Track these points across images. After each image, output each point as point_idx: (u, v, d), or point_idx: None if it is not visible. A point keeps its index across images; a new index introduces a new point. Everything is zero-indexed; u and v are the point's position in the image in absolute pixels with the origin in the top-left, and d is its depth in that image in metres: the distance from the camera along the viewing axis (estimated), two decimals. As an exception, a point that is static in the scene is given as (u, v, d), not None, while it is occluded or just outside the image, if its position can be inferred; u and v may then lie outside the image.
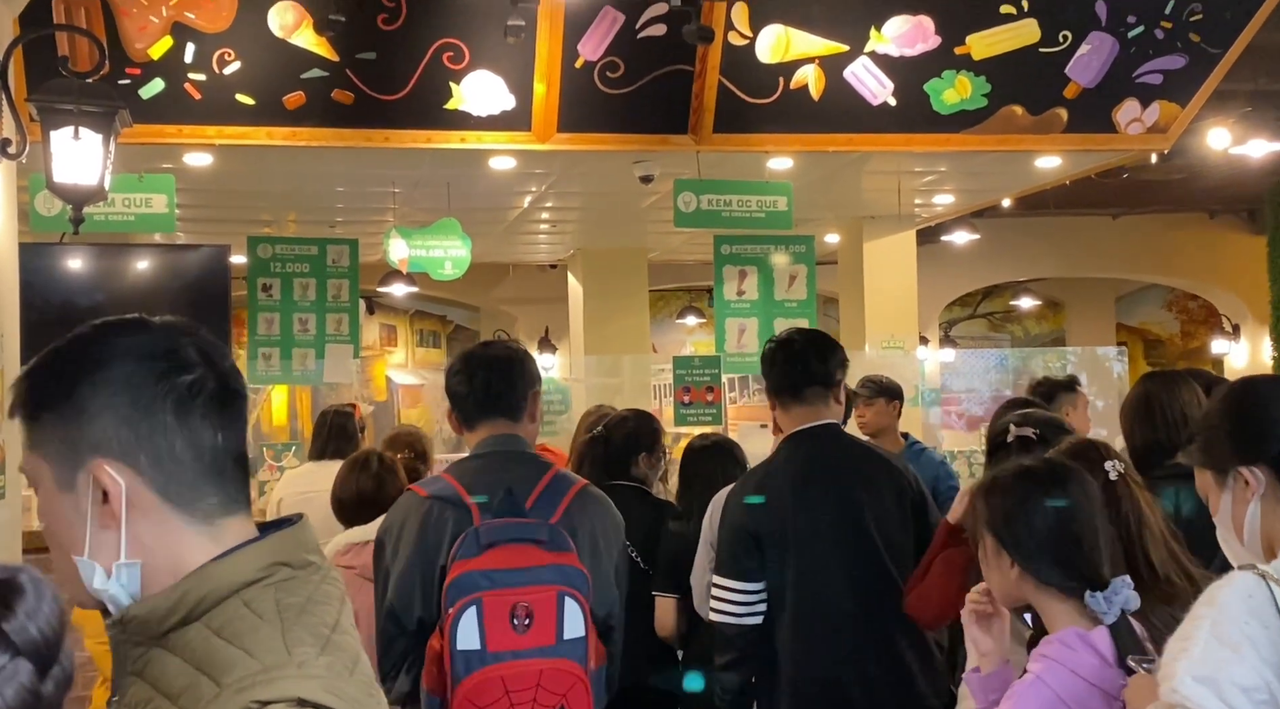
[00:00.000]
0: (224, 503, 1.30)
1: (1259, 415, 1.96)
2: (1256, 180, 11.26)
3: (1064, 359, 14.47)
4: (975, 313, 16.39)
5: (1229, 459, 1.96)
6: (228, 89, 5.99)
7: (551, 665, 2.60)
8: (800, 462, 3.41)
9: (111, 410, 1.26)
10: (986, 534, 2.29)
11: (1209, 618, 1.79)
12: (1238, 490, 1.95)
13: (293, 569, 1.28)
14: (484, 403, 2.91)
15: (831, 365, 3.40)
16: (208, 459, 1.29)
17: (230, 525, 1.30)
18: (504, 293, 14.21)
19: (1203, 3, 6.56)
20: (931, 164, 7.87)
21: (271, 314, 8.34)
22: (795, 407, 3.40)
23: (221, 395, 1.30)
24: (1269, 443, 1.93)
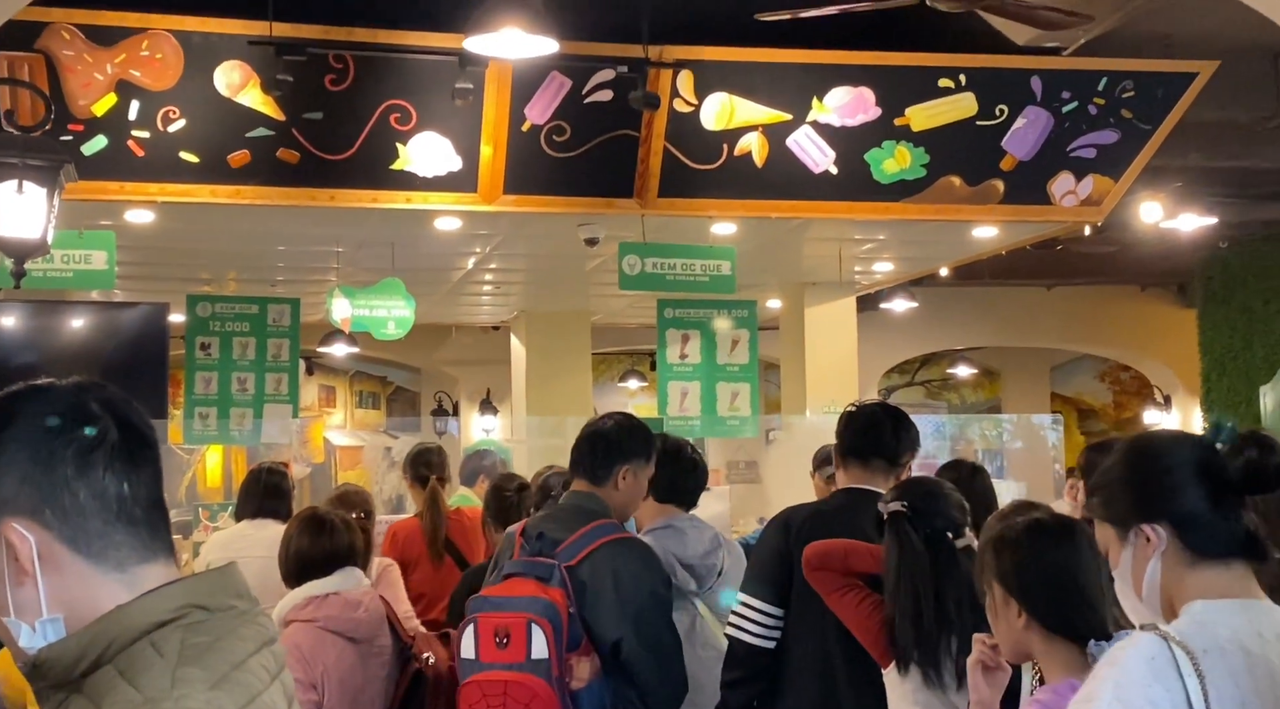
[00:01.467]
0: (137, 550, 1.31)
1: (1160, 472, 1.94)
2: (1186, 254, 11.53)
3: (1000, 427, 14.66)
4: (913, 380, 16.56)
5: (1130, 515, 1.94)
6: (171, 146, 5.97)
7: (516, 679, 3.16)
8: (849, 514, 3.47)
9: (14, 468, 1.29)
10: (996, 585, 2.32)
11: (1112, 679, 1.77)
12: (1139, 547, 1.92)
13: (208, 611, 1.29)
14: (573, 465, 3.54)
15: (903, 445, 3.53)
16: (115, 508, 1.30)
17: (146, 572, 1.31)
18: (446, 354, 14.15)
19: (1135, 80, 6.77)
20: (871, 232, 8.00)
21: (210, 373, 8.25)
22: (856, 468, 3.52)
23: (126, 445, 1.32)
24: (1171, 501, 1.91)
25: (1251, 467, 1.86)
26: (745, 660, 3.37)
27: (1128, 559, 1.94)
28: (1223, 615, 1.82)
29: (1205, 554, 1.88)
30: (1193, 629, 1.80)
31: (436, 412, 14.38)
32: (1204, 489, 1.89)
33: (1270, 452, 1.87)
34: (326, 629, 3.68)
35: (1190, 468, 1.90)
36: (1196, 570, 1.87)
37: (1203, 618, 1.81)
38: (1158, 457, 1.96)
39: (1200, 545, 1.88)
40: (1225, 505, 1.88)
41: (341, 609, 3.74)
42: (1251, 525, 1.88)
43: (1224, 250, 11.42)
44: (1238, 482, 1.87)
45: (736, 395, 8.20)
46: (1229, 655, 1.77)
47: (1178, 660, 1.75)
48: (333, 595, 3.74)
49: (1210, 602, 1.83)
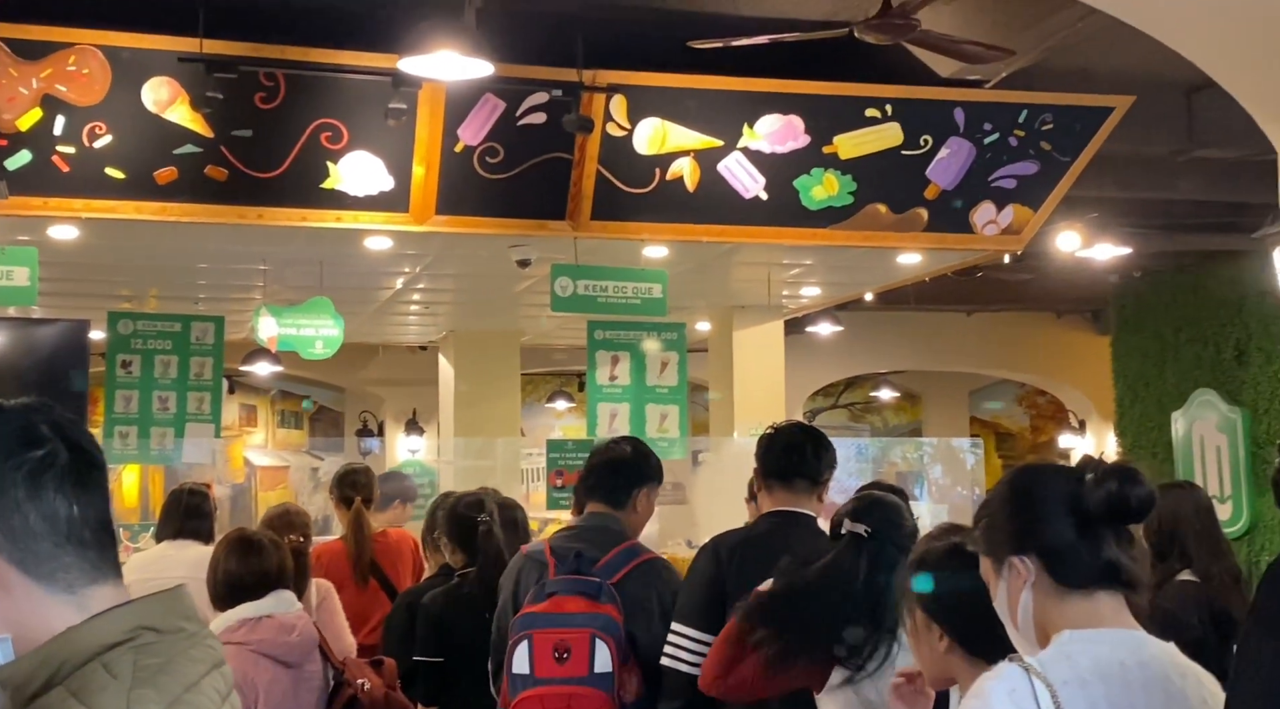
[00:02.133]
0: (87, 572, 1.32)
1: (1031, 505, 1.98)
2: (1101, 283, 11.80)
3: (921, 449, 14.89)
4: (837, 403, 16.76)
5: (1003, 547, 1.98)
6: (98, 162, 5.89)
7: (580, 692, 3.32)
8: (776, 537, 3.53)
9: None
10: (917, 610, 2.33)
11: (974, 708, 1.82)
12: (1011, 579, 1.96)
13: (159, 633, 1.30)
14: (589, 489, 3.72)
15: (823, 464, 3.61)
16: (64, 530, 1.31)
17: (96, 594, 1.32)
18: (371, 374, 14.04)
19: (1054, 113, 6.95)
20: (799, 257, 8.11)
21: (130, 392, 8.12)
22: (780, 490, 3.59)
23: (75, 467, 1.33)
24: (1039, 533, 1.95)
25: (1112, 498, 1.91)
26: (682, 689, 3.37)
27: (1003, 591, 1.99)
28: (1087, 645, 1.86)
29: (1072, 585, 1.93)
30: (1055, 659, 1.85)
31: (361, 432, 14.26)
32: (1069, 521, 1.94)
33: (1132, 483, 1.92)
34: (259, 652, 3.64)
35: (1058, 501, 1.95)
36: (1064, 601, 1.93)
37: (1068, 649, 1.86)
38: (1029, 490, 2.01)
39: (1066, 576, 1.93)
40: (1090, 537, 1.93)
41: (275, 632, 3.70)
42: (1114, 556, 1.92)
43: (1137, 279, 11.70)
44: (1100, 513, 1.92)
45: (665, 417, 8.24)
46: (1089, 686, 1.82)
47: (1036, 692, 1.79)
48: (266, 619, 3.70)
49: (1076, 631, 1.88)
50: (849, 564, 3.00)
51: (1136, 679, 1.84)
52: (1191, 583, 4.08)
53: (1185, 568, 4.11)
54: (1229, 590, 4.08)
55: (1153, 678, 1.86)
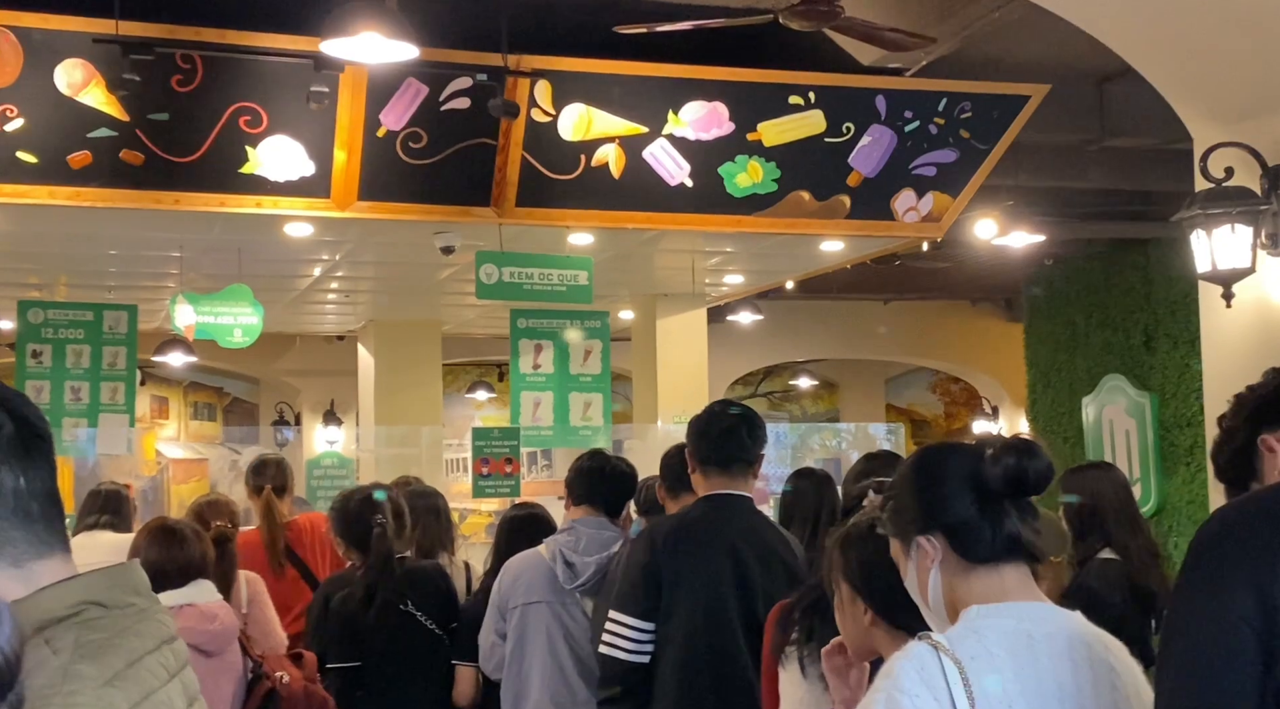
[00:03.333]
0: (33, 545, 1.29)
1: (935, 484, 2.01)
2: (1014, 271, 12.01)
3: (839, 436, 15.07)
4: (756, 392, 16.88)
5: (910, 528, 2.02)
6: (8, 146, 5.73)
7: None
8: (711, 522, 3.57)
9: None
10: (843, 583, 2.37)
11: (885, 690, 1.84)
12: (919, 559, 2.00)
13: (105, 608, 1.28)
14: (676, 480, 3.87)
15: (757, 445, 3.62)
16: (11, 503, 1.28)
17: (42, 568, 1.29)
18: (287, 364, 13.84)
19: (972, 102, 7.05)
20: (723, 245, 8.14)
21: (41, 382, 7.93)
22: (717, 476, 3.58)
23: (21, 438, 1.30)
24: (943, 511, 1.98)
25: (1009, 472, 1.95)
26: (621, 677, 3.41)
27: (912, 571, 2.03)
28: (993, 620, 1.90)
29: (976, 560, 1.97)
30: (963, 635, 1.88)
31: (278, 423, 14.05)
32: (971, 497, 1.97)
33: (1029, 457, 1.96)
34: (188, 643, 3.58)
35: (960, 478, 1.99)
36: (970, 577, 1.97)
37: (975, 624, 1.90)
38: (931, 469, 2.05)
39: (971, 552, 1.97)
40: (990, 512, 1.97)
41: (196, 621, 3.64)
42: (1015, 529, 1.96)
43: (1049, 267, 11.93)
44: (1000, 487, 1.95)
45: (589, 405, 8.23)
46: (995, 659, 1.85)
47: (945, 669, 1.82)
48: (187, 607, 3.65)
49: (984, 606, 1.92)
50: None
51: (1044, 650, 1.88)
52: (1113, 561, 4.18)
53: (1105, 546, 4.21)
54: (1148, 567, 4.18)
55: (1060, 649, 1.89)
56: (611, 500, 3.96)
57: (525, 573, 3.89)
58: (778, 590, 3.49)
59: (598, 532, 3.83)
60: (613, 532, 3.83)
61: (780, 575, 3.53)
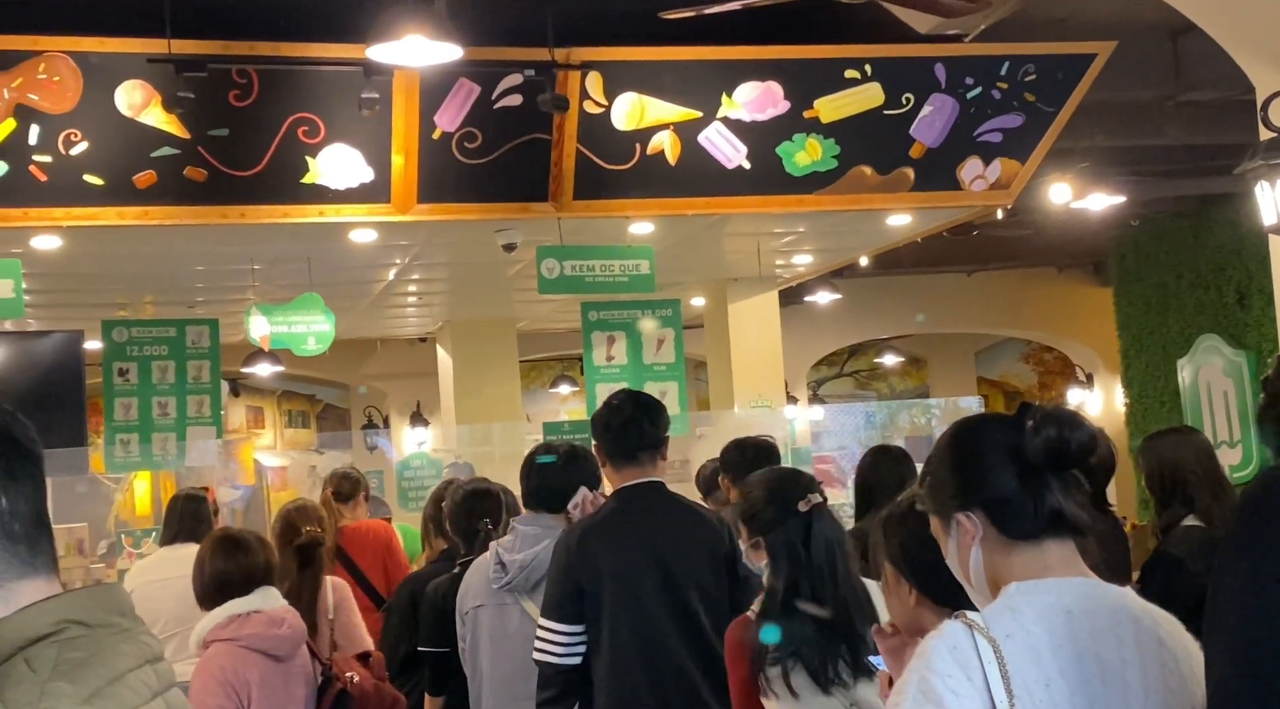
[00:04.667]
0: (14, 566, 1.29)
1: (973, 459, 1.94)
2: (1100, 234, 11.73)
3: (928, 412, 14.85)
4: (842, 371, 16.71)
5: (949, 504, 1.95)
6: (75, 170, 5.87)
7: None
8: (624, 515, 3.61)
9: None
10: (887, 565, 2.34)
11: (918, 670, 1.78)
12: (960, 536, 1.94)
13: (87, 627, 1.27)
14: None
15: (661, 429, 3.64)
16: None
17: (23, 588, 1.29)
18: (373, 368, 14.04)
19: (1036, 64, 6.87)
20: (788, 225, 8.05)
21: (129, 399, 8.14)
22: (627, 467, 3.62)
23: (6, 458, 1.31)
24: (982, 486, 1.92)
25: (1050, 444, 1.87)
26: (554, 679, 3.48)
27: (953, 548, 1.97)
28: (1033, 596, 1.83)
29: (1018, 536, 1.89)
30: (999, 613, 1.82)
31: (367, 427, 14.26)
32: (1012, 471, 1.90)
33: (1071, 427, 1.88)
34: (249, 648, 3.64)
35: (999, 452, 1.92)
36: (1011, 553, 1.90)
37: (1013, 601, 1.83)
38: (969, 443, 1.98)
39: (1012, 528, 1.90)
40: (1032, 485, 1.89)
41: (264, 627, 3.70)
42: (1058, 503, 1.89)
43: (1135, 228, 11.63)
44: (1040, 460, 1.88)
45: (665, 394, 8.21)
46: (1032, 637, 1.78)
47: (979, 648, 1.76)
48: (254, 614, 3.70)
49: (1023, 583, 1.85)
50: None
51: (1084, 627, 1.81)
52: (1197, 527, 4.06)
53: (1189, 513, 4.09)
54: (1234, 532, 4.04)
55: (1102, 625, 1.82)
56: (543, 497, 3.80)
57: (474, 576, 3.88)
58: (699, 569, 3.54)
59: (531, 529, 3.75)
60: (549, 528, 3.74)
61: (699, 553, 3.56)
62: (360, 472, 6.12)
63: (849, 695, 2.92)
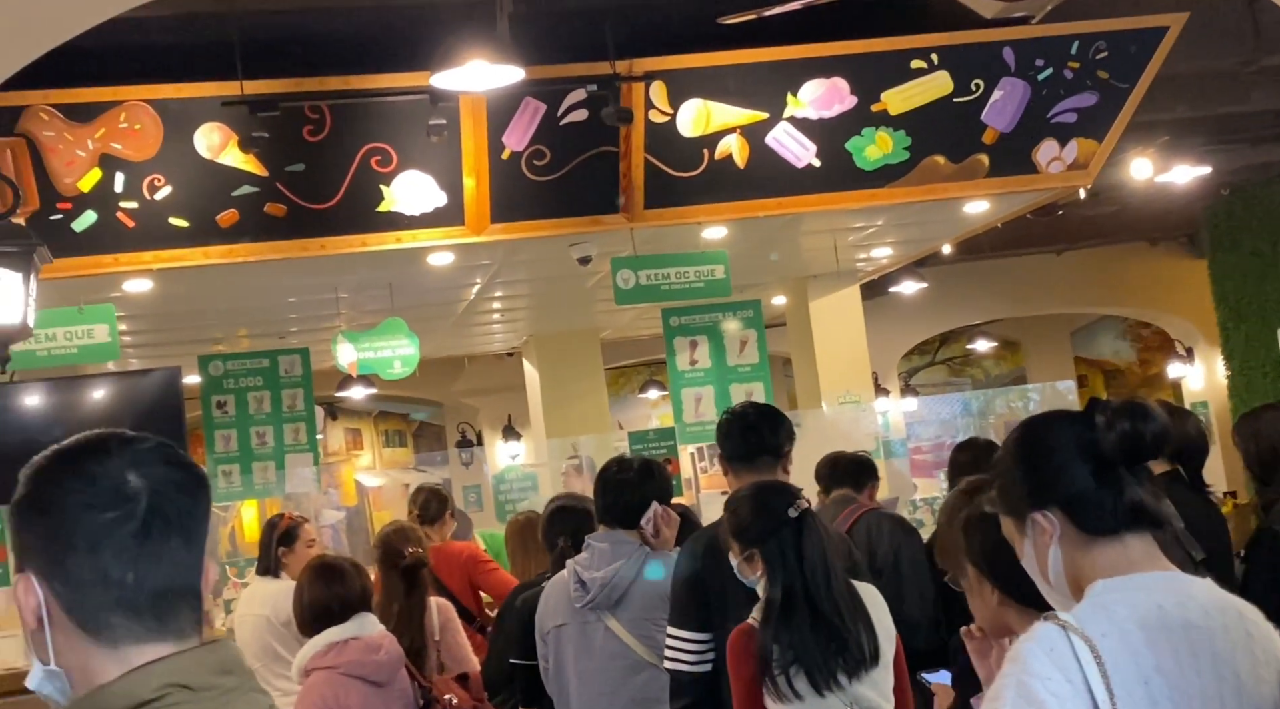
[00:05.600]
0: (137, 634, 1.31)
1: (1045, 457, 1.92)
2: (1190, 205, 11.46)
3: (1025, 398, 14.60)
4: (934, 360, 16.51)
5: (1023, 504, 1.93)
6: (160, 213, 6.04)
7: None
8: None
9: (41, 527, 1.32)
10: (969, 566, 2.33)
11: (1014, 675, 1.76)
12: (1036, 536, 1.92)
13: (192, 691, 1.28)
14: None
15: (781, 437, 3.64)
16: (115, 594, 1.30)
17: (138, 653, 1.31)
18: (463, 385, 14.21)
19: (1107, 40, 6.74)
20: (864, 219, 7.99)
21: (228, 431, 8.34)
22: (747, 474, 3.61)
23: (148, 533, 1.31)
24: (1057, 485, 1.90)
25: (1125, 438, 1.86)
26: (688, 688, 3.46)
27: (1029, 550, 1.94)
28: (1121, 593, 1.81)
29: (1099, 532, 1.87)
30: (1091, 612, 1.80)
31: (461, 443, 14.44)
32: (1086, 468, 1.88)
33: (1144, 420, 1.87)
34: (349, 675, 3.72)
35: (1071, 449, 1.90)
36: (1093, 550, 1.88)
37: (1102, 599, 1.81)
38: (1040, 442, 1.96)
39: (1092, 524, 1.88)
40: (1108, 481, 1.88)
41: (362, 653, 3.78)
42: (1137, 496, 1.87)
43: (1226, 197, 11.34)
44: (1116, 454, 1.87)
45: (751, 395, 8.21)
46: (1128, 634, 1.76)
47: (1076, 649, 1.74)
48: (352, 640, 3.79)
49: (1109, 580, 1.83)
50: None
51: (1176, 621, 1.79)
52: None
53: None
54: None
55: (1195, 618, 1.80)
56: (617, 513, 3.77)
57: (553, 595, 3.86)
58: None
59: (610, 546, 3.72)
60: (627, 545, 3.74)
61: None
62: (445, 487, 6.18)
63: (847, 695, 2.97)
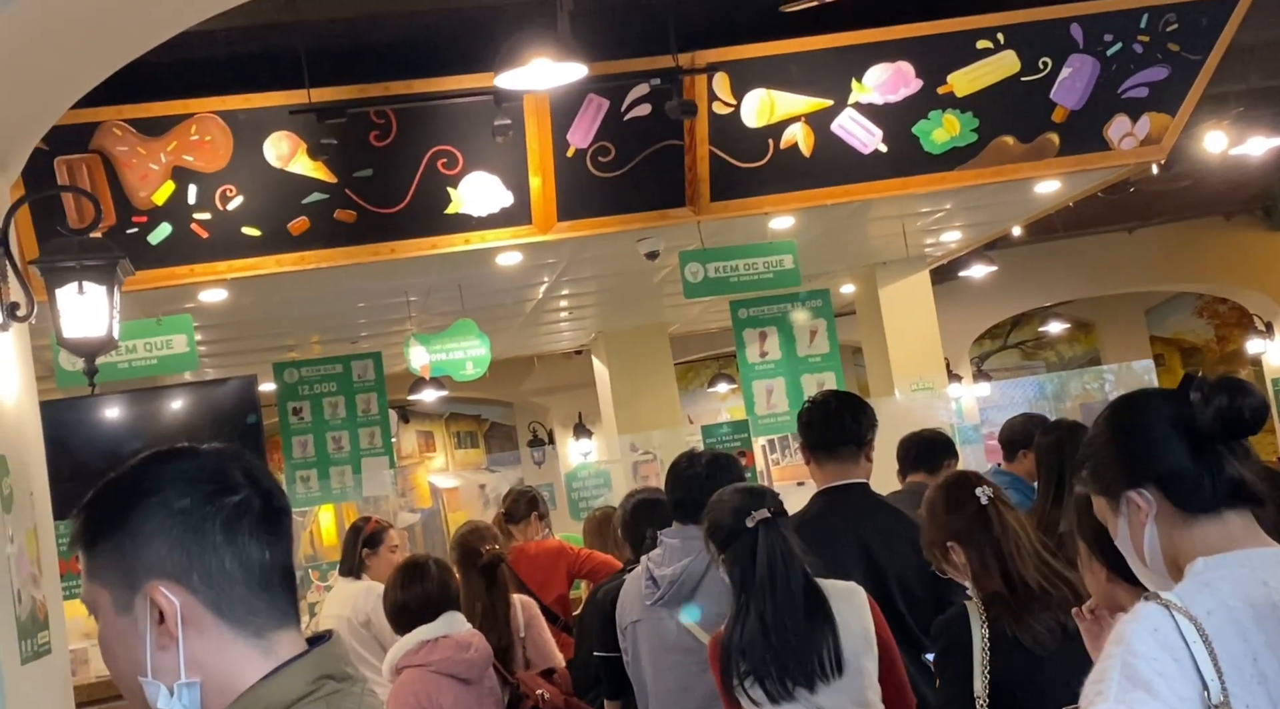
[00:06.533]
0: (275, 617, 1.36)
1: (1139, 435, 1.91)
2: (1266, 177, 11.22)
3: (1101, 379, 14.39)
4: (1006, 344, 16.30)
5: (1117, 483, 1.91)
6: (233, 224, 6.12)
7: None
8: (832, 515, 3.65)
9: (164, 533, 1.33)
10: (1081, 543, 2.34)
11: (1119, 656, 1.74)
12: (1131, 514, 1.90)
13: (337, 682, 1.33)
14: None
15: (863, 425, 3.65)
16: (257, 574, 1.35)
17: (281, 638, 1.36)
18: (533, 384, 14.28)
19: (1177, 12, 6.61)
20: (932, 203, 7.91)
21: (305, 436, 8.44)
22: (830, 463, 3.65)
23: (267, 513, 1.37)
24: (1153, 462, 1.88)
25: (1223, 414, 1.83)
26: None
27: (1124, 529, 1.92)
28: (1224, 571, 1.78)
29: (1197, 510, 1.85)
30: (1195, 590, 1.77)
31: (533, 442, 14.50)
32: (1183, 445, 1.86)
33: (1240, 394, 1.84)
34: (440, 672, 3.76)
35: (1166, 425, 1.88)
36: (1192, 528, 1.85)
37: (1204, 577, 1.78)
38: (1133, 420, 1.94)
39: (1189, 502, 1.85)
40: (1207, 457, 1.85)
41: (453, 651, 3.82)
42: (1237, 472, 1.84)
43: (1304, 167, 11.08)
44: (1214, 430, 1.84)
45: (823, 385, 8.16)
46: (1234, 612, 1.73)
47: (1181, 628, 1.71)
48: (443, 639, 3.83)
49: (1210, 558, 1.80)
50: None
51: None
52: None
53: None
54: None
55: None
56: (688, 507, 3.65)
57: (630, 590, 3.82)
58: (907, 569, 3.52)
59: (680, 542, 3.63)
60: (697, 540, 3.67)
61: (906, 553, 3.52)
62: (536, 490, 6.21)
63: (810, 704, 2.96)
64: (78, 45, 3.57)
